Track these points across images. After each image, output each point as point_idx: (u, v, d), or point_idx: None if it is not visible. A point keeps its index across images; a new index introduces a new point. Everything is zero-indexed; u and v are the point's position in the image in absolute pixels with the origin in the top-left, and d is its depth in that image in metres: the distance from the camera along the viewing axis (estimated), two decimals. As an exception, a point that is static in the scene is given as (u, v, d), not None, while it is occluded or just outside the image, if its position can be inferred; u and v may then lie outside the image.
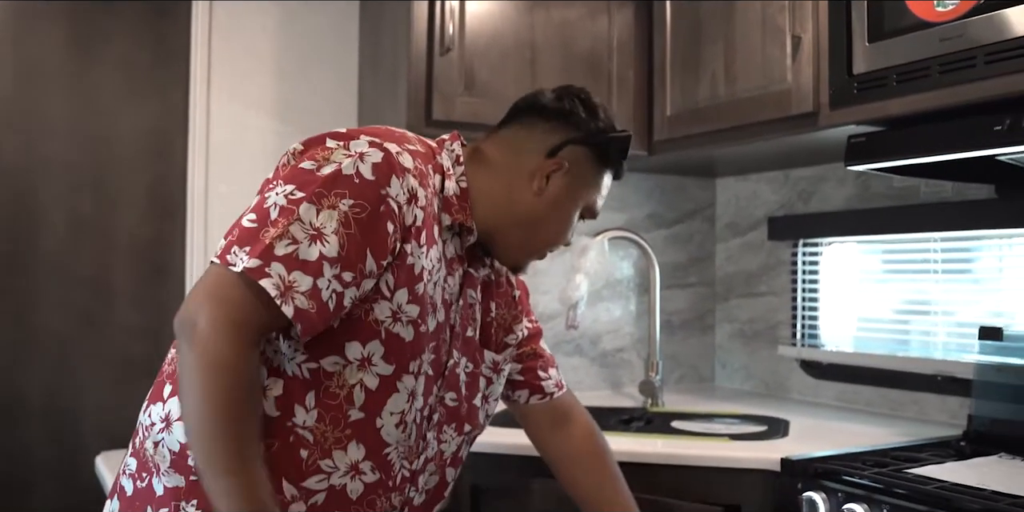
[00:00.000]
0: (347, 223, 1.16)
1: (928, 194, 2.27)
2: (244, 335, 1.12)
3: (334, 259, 1.15)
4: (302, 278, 1.13)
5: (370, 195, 1.18)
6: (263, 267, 1.11)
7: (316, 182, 1.17)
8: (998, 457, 1.83)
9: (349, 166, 1.19)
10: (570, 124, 1.41)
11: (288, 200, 1.16)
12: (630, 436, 2.07)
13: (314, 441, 1.23)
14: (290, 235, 1.13)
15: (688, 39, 2.34)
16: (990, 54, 1.62)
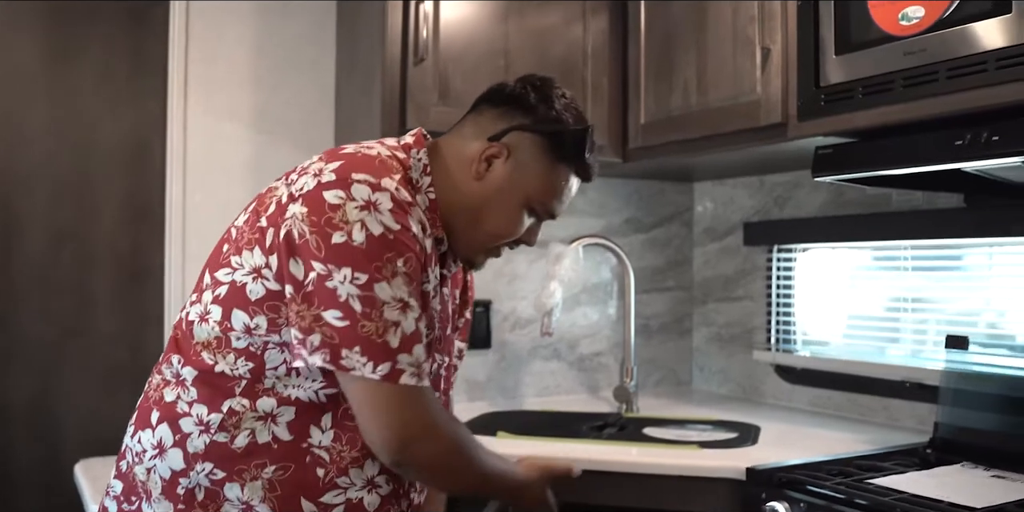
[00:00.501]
0: (411, 279, 1.22)
1: (899, 202, 2.28)
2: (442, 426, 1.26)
3: (420, 316, 1.23)
4: (418, 348, 1.22)
5: (407, 243, 1.22)
6: (394, 366, 1.18)
7: (364, 255, 1.18)
8: (960, 466, 1.84)
9: (373, 223, 1.19)
10: (518, 110, 1.38)
11: (359, 287, 1.18)
12: (601, 444, 2.08)
13: (330, 460, 1.27)
14: (388, 322, 1.18)
15: (661, 47, 2.34)
16: (952, 69, 1.62)
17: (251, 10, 2.45)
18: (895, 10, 1.72)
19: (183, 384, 1.28)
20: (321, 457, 1.27)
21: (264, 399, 1.25)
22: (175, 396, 1.29)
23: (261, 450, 1.24)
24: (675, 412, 2.49)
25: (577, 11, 2.42)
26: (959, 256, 2.22)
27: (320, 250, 1.19)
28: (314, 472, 1.26)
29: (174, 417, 1.27)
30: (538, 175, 1.39)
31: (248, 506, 1.24)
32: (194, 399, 1.27)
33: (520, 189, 1.39)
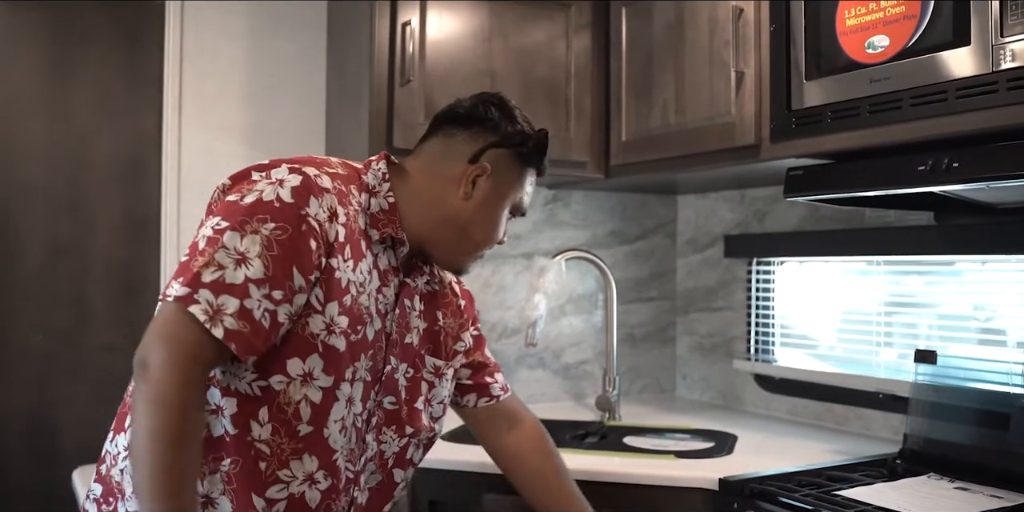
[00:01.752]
0: (270, 245, 1.21)
1: (872, 219, 2.32)
2: (189, 373, 1.16)
3: (260, 280, 1.20)
4: (229, 301, 1.17)
5: (290, 216, 1.24)
6: (191, 294, 1.16)
7: (240, 211, 1.22)
8: (927, 477, 1.88)
9: (270, 192, 1.24)
10: (488, 129, 1.47)
11: (214, 231, 1.21)
12: (582, 453, 2.12)
13: (271, 453, 1.28)
14: (215, 262, 1.18)
15: (642, 68, 2.39)
16: (915, 97, 1.67)
17: (244, 30, 2.49)
18: (862, 39, 1.77)
19: None
20: (262, 451, 1.28)
21: (212, 390, 1.25)
22: None
23: (216, 443, 1.26)
24: (657, 420, 2.53)
25: (560, 30, 2.46)
26: (929, 271, 2.27)
27: (214, 207, 1.30)
28: (257, 465, 1.28)
29: None
30: (514, 183, 1.50)
31: (208, 499, 1.26)
32: None
33: (502, 199, 1.49)
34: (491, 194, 1.46)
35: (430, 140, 1.50)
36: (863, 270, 2.42)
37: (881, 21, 1.73)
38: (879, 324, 2.37)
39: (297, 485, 1.31)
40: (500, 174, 1.46)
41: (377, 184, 1.42)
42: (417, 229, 1.44)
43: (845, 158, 1.93)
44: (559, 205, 2.86)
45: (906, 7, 1.69)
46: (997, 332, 2.11)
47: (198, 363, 1.18)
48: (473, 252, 1.51)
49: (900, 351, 2.31)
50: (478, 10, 2.34)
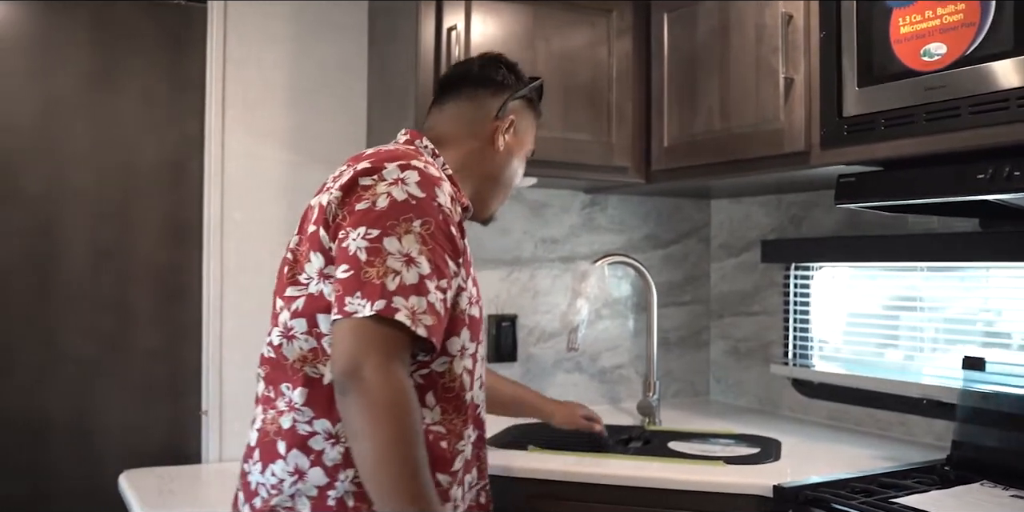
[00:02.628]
0: (425, 240, 1.30)
1: (915, 224, 2.31)
2: (402, 370, 1.25)
3: (430, 274, 1.28)
4: (417, 300, 1.26)
5: (429, 209, 1.33)
6: (389, 304, 1.23)
7: (383, 216, 1.30)
8: (980, 485, 1.87)
9: (398, 192, 1.32)
10: (503, 85, 1.65)
11: (369, 241, 1.28)
12: (629, 459, 2.11)
13: (447, 431, 1.40)
14: (389, 269, 1.26)
15: (685, 73, 2.38)
16: (973, 106, 1.66)
17: (286, 35, 2.48)
18: (918, 46, 1.76)
19: (294, 408, 1.36)
20: (439, 432, 1.39)
21: None
22: (291, 421, 1.36)
23: None
24: (696, 425, 2.52)
25: (602, 35, 2.45)
26: (975, 277, 2.26)
27: (344, 220, 1.33)
28: (439, 447, 1.38)
29: (301, 441, 1.35)
30: (529, 128, 1.72)
31: None
32: (312, 417, 1.35)
33: (524, 143, 1.70)
34: (515, 141, 1.66)
35: (451, 103, 1.65)
36: (902, 275, 2.40)
37: (938, 29, 1.72)
38: (920, 329, 2.36)
39: (469, 448, 1.46)
40: (520, 122, 1.67)
41: (432, 159, 1.51)
42: (469, 191, 1.58)
43: (895, 165, 1.92)
44: (596, 209, 2.85)
45: (964, 15, 1.67)
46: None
47: (406, 365, 1.28)
48: (504, 199, 1.70)
49: (944, 356, 2.30)
50: (521, 15, 2.33)
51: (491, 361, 2.64)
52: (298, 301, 1.38)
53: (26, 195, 2.32)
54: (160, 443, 2.44)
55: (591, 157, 2.42)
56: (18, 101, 2.32)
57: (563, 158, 2.37)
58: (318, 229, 1.37)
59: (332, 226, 1.35)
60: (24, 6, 2.32)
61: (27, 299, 2.32)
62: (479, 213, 1.65)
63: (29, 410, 2.32)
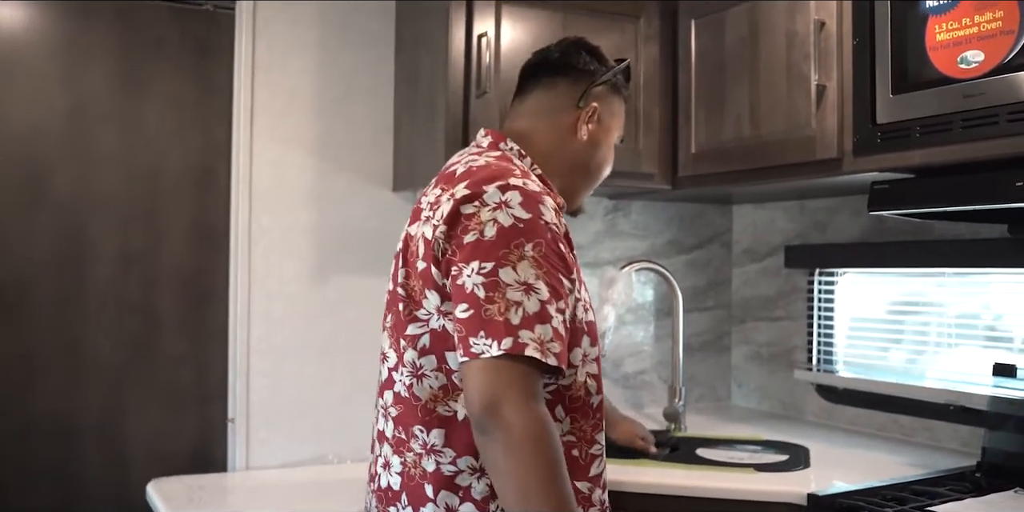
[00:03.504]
0: (539, 264, 1.27)
1: (943, 230, 2.30)
2: (540, 406, 1.23)
3: (549, 298, 1.26)
4: (543, 329, 1.23)
5: (537, 230, 1.29)
6: (516, 340, 1.21)
7: (494, 246, 1.27)
8: (1014, 492, 1.86)
9: (504, 217, 1.29)
10: (584, 71, 1.58)
11: (484, 275, 1.25)
12: (658, 466, 2.09)
13: (578, 439, 1.40)
14: (511, 302, 1.23)
15: (713, 79, 2.36)
16: (1012, 113, 1.64)
17: (313, 41, 2.47)
18: (954, 54, 1.74)
19: (434, 450, 1.35)
20: (570, 441, 1.38)
21: None
22: (435, 464, 1.35)
23: None
24: (721, 430, 2.51)
25: (629, 41, 2.44)
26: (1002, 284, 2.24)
27: (455, 254, 1.30)
28: (571, 455, 1.37)
29: (447, 481, 1.34)
30: (616, 113, 1.65)
31: None
32: (455, 456, 1.34)
33: (611, 130, 1.64)
34: (601, 129, 1.60)
35: (532, 94, 1.60)
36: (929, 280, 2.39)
37: (975, 36, 1.71)
38: (938, 336, 2.34)
39: (602, 450, 1.45)
40: (604, 108, 1.60)
41: (524, 164, 1.50)
42: (559, 186, 1.54)
43: (928, 173, 1.90)
44: (619, 215, 2.84)
45: (1003, 22, 1.66)
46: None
47: (542, 398, 1.26)
48: (592, 189, 1.66)
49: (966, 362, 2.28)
50: (551, 21, 2.32)
51: (515, 366, 2.62)
52: (423, 338, 1.36)
53: (54, 199, 2.31)
54: (187, 450, 2.43)
55: (618, 163, 2.34)
56: (46, 105, 2.32)
57: (590, 164, 2.36)
58: (428, 266, 1.34)
59: (443, 261, 1.32)
60: (51, 10, 2.32)
61: (54, 304, 2.31)
62: (569, 206, 1.60)
63: (56, 415, 2.31)
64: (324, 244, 2.45)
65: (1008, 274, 2.21)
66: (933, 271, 2.35)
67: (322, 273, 2.44)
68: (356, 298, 2.46)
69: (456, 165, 1.45)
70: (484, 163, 1.41)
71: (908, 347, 2.46)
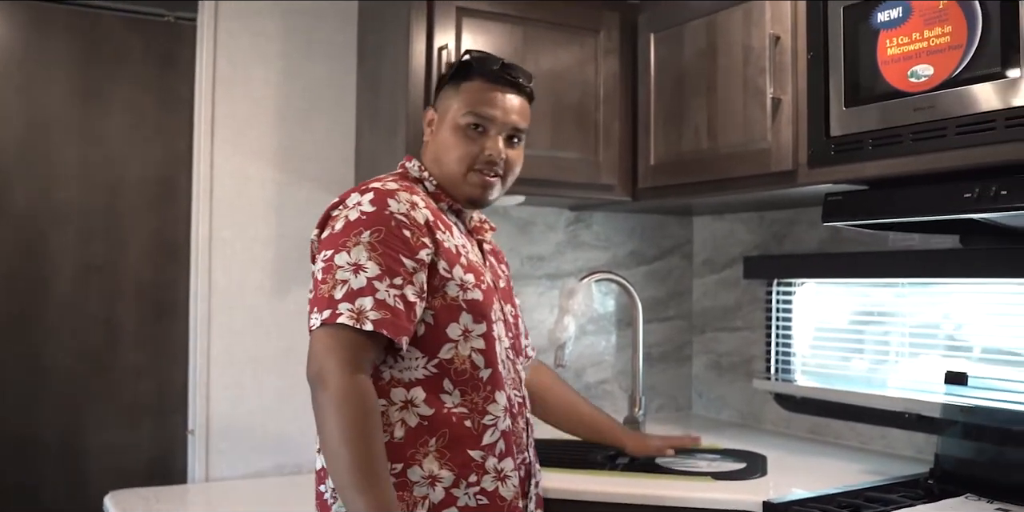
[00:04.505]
0: (374, 247, 1.42)
1: (896, 241, 2.32)
2: (359, 373, 1.37)
3: (380, 275, 1.40)
4: (365, 301, 1.38)
5: (379, 219, 1.45)
6: (333, 312, 1.37)
7: (337, 236, 1.44)
8: (964, 498, 1.87)
9: (353, 213, 1.46)
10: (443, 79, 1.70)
11: (324, 261, 1.43)
12: (617, 475, 2.09)
13: (470, 410, 1.50)
14: (337, 280, 1.39)
15: (672, 92, 2.38)
16: (960, 126, 1.67)
17: (276, 53, 2.46)
18: (905, 68, 1.77)
19: None
20: (462, 412, 1.49)
21: (395, 390, 1.46)
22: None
23: (417, 431, 1.45)
24: (681, 440, 2.51)
25: (590, 51, 2.45)
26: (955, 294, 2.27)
27: (318, 251, 1.49)
28: (464, 425, 1.49)
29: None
30: (449, 102, 1.64)
31: (433, 477, 1.45)
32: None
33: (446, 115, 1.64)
34: (439, 120, 1.65)
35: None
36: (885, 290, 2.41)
37: (925, 51, 1.73)
38: (896, 344, 2.37)
39: (502, 422, 1.53)
40: (441, 103, 1.66)
41: (421, 175, 1.64)
42: (444, 184, 1.64)
43: (881, 184, 1.92)
44: (581, 226, 2.84)
45: (951, 38, 1.68)
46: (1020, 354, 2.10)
47: (363, 362, 1.39)
48: (464, 176, 1.62)
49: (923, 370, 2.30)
50: (511, 34, 2.32)
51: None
52: None
53: (13, 211, 2.29)
54: (146, 462, 2.40)
55: (578, 175, 2.42)
56: (3, 117, 2.29)
57: (551, 176, 2.37)
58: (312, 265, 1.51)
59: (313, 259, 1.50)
60: (9, 20, 2.29)
61: (13, 317, 2.29)
62: (461, 201, 1.65)
63: (15, 428, 2.28)
64: (285, 256, 2.43)
65: (961, 284, 2.23)
66: (888, 281, 2.38)
67: (283, 285, 2.42)
68: (318, 309, 2.45)
69: None
70: (372, 181, 1.56)
71: (868, 356, 2.47)
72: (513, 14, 2.33)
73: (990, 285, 2.17)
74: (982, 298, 2.20)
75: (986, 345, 2.18)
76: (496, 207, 2.63)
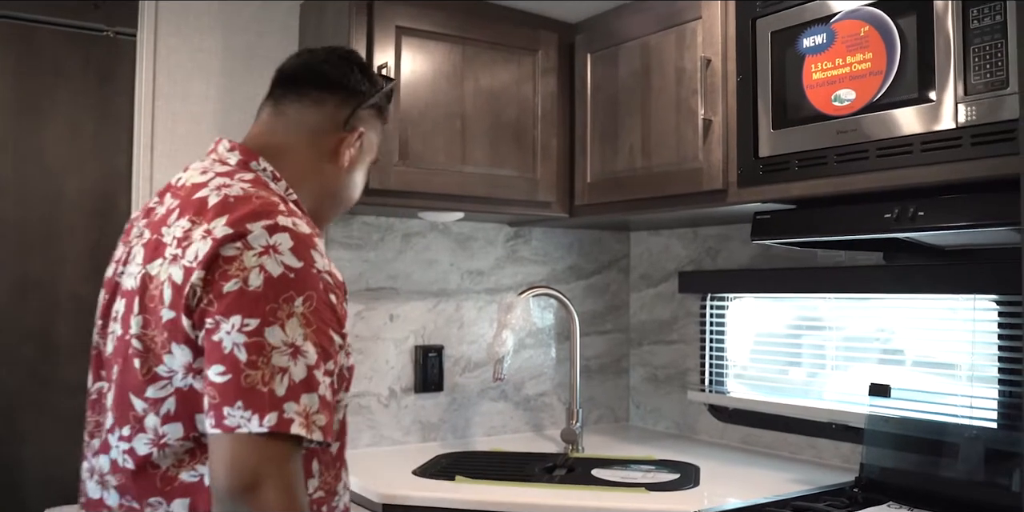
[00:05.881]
0: (309, 321, 1.11)
1: (824, 258, 2.38)
2: (300, 484, 1.09)
3: (316, 362, 1.10)
4: (309, 399, 1.08)
5: (308, 282, 1.13)
6: (280, 416, 1.05)
7: (259, 299, 1.09)
8: (886, 506, 1.92)
9: (274, 266, 1.10)
10: (354, 90, 1.41)
11: (248, 334, 1.07)
12: (555, 487, 2.11)
13: (326, 493, 1.24)
14: (276, 368, 1.07)
15: (608, 112, 2.41)
16: (881, 149, 1.72)
17: (217, 69, 2.44)
18: (829, 92, 1.82)
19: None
20: (320, 497, 1.22)
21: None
22: None
23: None
24: (618, 451, 2.54)
25: (528, 71, 2.47)
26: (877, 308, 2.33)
27: (212, 305, 1.10)
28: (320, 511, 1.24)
29: None
30: (376, 137, 1.48)
31: None
32: None
33: (368, 155, 1.46)
34: (359, 155, 1.42)
35: (293, 107, 1.39)
36: (813, 305, 2.47)
37: (848, 76, 1.78)
38: (830, 358, 2.42)
39: (344, 499, 1.30)
40: (368, 133, 1.44)
41: (279, 188, 1.30)
42: (309, 210, 1.34)
43: (808, 204, 1.97)
44: (520, 242, 2.86)
45: (872, 64, 1.74)
46: (947, 366, 2.16)
47: (301, 472, 1.10)
48: (342, 212, 1.48)
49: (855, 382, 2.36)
50: (450, 53, 2.34)
51: (417, 391, 2.62)
52: (167, 403, 1.15)
53: (-52, 226, 2.25)
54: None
55: (516, 192, 2.44)
56: (-61, 132, 2.26)
57: (489, 193, 2.38)
58: (178, 316, 1.12)
59: (196, 311, 1.11)
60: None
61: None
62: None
63: (-52, 444, 2.23)
64: (226, 270, 2.41)
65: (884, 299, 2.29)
66: (815, 296, 2.43)
67: (223, 299, 2.40)
68: (258, 324, 2.43)
69: (203, 189, 1.23)
70: (242, 193, 1.20)
71: (805, 368, 2.52)
72: (452, 34, 2.34)
73: (914, 299, 2.23)
74: (908, 312, 2.25)
75: (916, 357, 2.24)
76: (436, 223, 2.65)
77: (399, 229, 2.63)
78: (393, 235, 2.62)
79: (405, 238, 2.64)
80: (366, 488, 2.08)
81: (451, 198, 2.34)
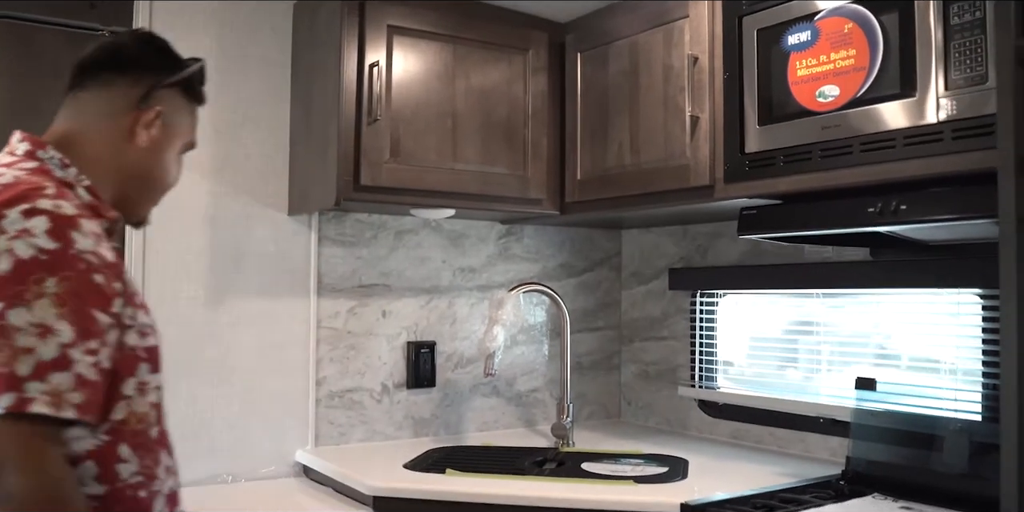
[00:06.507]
0: (63, 300, 1.08)
1: (811, 253, 2.39)
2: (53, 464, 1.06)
3: (74, 341, 1.08)
4: (61, 377, 1.06)
5: (65, 262, 1.10)
6: (19, 396, 1.03)
7: (6, 283, 1.07)
8: (871, 497, 1.94)
9: (24, 249, 1.08)
10: (148, 70, 1.36)
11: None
12: (544, 480, 2.12)
13: (145, 478, 1.21)
14: (19, 349, 1.05)
15: (597, 110, 2.43)
16: (864, 144, 1.74)
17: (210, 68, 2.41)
18: (813, 88, 1.83)
19: None
20: (138, 482, 1.20)
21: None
22: None
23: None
24: (608, 445, 2.55)
25: (519, 72, 2.49)
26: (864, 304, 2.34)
27: None
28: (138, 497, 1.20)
29: None
30: (184, 119, 1.43)
31: None
32: None
33: (177, 138, 1.42)
34: (164, 136, 1.37)
35: (87, 90, 1.35)
36: (800, 301, 2.48)
37: (832, 72, 1.80)
38: (817, 352, 2.43)
39: (164, 484, 1.25)
40: (171, 113, 1.38)
41: (63, 174, 1.27)
42: (113, 196, 1.32)
43: (794, 199, 1.99)
44: (512, 239, 2.87)
45: (855, 60, 1.75)
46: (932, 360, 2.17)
47: (58, 452, 1.08)
48: (158, 199, 1.44)
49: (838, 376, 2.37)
50: (442, 52, 2.35)
51: (410, 386, 2.63)
52: None
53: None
54: (79, 471, 2.36)
55: (507, 190, 2.45)
56: (-63, 130, 2.26)
57: (480, 191, 2.40)
58: None
59: None
60: (-56, 35, 2.27)
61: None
62: (128, 217, 1.38)
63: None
64: (219, 266, 2.43)
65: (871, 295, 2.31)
66: (803, 293, 2.45)
67: (217, 295, 2.42)
68: (251, 320, 2.44)
69: None
70: (12, 180, 1.18)
71: (784, 363, 2.54)
72: (443, 33, 2.36)
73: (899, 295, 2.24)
74: (894, 307, 2.27)
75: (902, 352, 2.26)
76: (428, 220, 2.66)
77: (392, 226, 2.64)
78: (386, 232, 2.63)
79: (398, 235, 2.65)
80: (357, 481, 2.09)
81: (442, 195, 2.36)
